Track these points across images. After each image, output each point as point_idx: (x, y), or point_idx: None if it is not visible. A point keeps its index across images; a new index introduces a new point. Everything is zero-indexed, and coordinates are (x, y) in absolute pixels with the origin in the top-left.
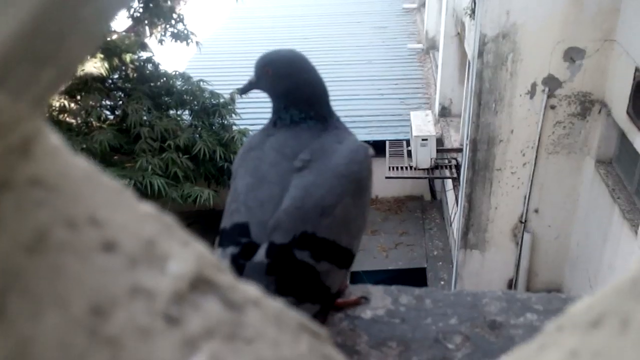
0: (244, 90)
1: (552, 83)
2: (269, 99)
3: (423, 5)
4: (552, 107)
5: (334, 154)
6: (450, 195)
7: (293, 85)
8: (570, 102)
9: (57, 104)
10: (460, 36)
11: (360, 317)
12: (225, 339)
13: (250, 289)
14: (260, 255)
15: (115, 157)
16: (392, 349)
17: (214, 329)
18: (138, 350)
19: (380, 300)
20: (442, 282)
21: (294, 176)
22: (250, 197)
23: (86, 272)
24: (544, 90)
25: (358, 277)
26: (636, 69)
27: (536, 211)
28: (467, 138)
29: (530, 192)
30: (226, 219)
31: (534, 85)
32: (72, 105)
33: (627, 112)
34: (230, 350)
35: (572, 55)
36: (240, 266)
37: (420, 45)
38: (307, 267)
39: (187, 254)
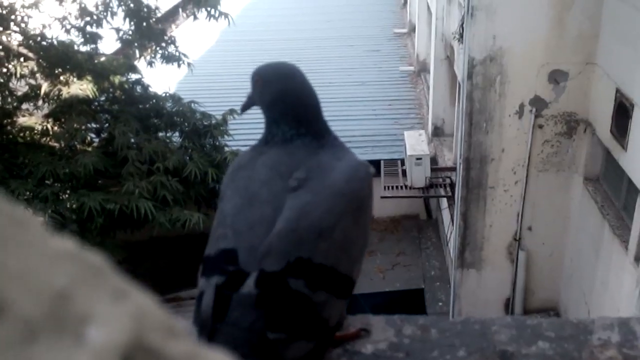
0: (244, 107)
1: (538, 104)
2: (262, 119)
3: (413, 30)
4: (540, 127)
5: (332, 171)
6: (446, 214)
7: (280, 94)
8: (557, 122)
9: (40, 128)
10: (450, 59)
11: (361, 352)
12: None
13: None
14: (249, 285)
15: (100, 182)
16: None
17: None
18: None
19: (382, 332)
20: (440, 303)
21: (288, 196)
22: (238, 219)
23: None
24: (531, 111)
25: (355, 301)
26: (617, 90)
27: (529, 229)
28: (460, 157)
29: (523, 210)
30: (211, 245)
31: (521, 106)
32: (56, 128)
33: (611, 131)
34: None
35: (556, 77)
36: (225, 298)
37: (411, 68)
38: (302, 298)
39: (119, 311)
